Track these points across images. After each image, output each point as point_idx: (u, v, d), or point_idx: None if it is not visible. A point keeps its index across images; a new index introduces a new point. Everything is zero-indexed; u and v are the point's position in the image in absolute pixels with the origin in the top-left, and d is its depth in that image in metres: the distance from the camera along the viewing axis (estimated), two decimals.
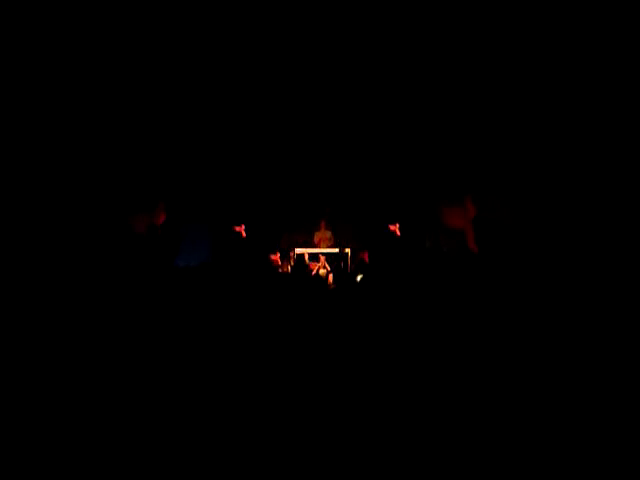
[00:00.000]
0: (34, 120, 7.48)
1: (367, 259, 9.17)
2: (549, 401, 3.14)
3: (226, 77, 8.77)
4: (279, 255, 9.28)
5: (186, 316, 4.03)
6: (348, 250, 9.54)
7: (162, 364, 3.49)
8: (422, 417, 3.10)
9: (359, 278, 6.95)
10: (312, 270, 8.94)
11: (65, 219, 7.38)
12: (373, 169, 10.23)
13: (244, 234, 9.67)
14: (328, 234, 10.12)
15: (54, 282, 4.63)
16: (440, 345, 3.59)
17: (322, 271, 9.17)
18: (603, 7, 7.29)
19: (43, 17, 7.31)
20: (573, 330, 3.56)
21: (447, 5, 7.68)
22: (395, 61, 8.65)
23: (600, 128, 7.54)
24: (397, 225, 9.76)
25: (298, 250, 9.55)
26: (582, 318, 3.67)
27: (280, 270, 8.69)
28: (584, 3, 7.38)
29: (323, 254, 9.53)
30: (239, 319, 4.03)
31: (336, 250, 9.63)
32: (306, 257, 9.01)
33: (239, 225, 9.65)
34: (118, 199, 8.04)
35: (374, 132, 9.68)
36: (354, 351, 3.61)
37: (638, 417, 2.95)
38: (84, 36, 7.65)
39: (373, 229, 10.12)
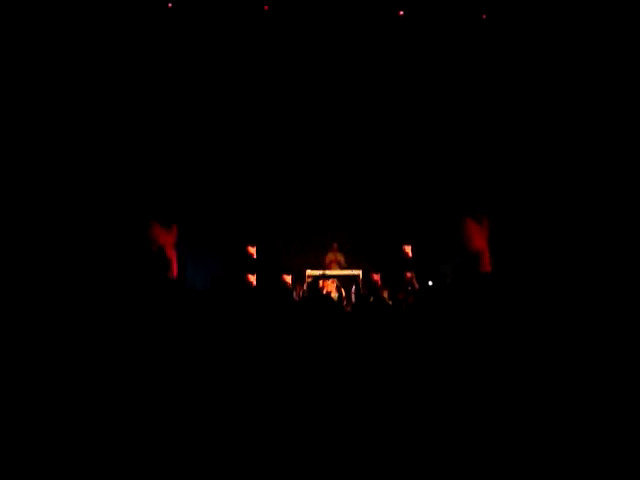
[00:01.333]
0: (51, 129, 7.73)
1: (379, 281, 9.40)
2: (554, 404, 3.27)
3: (240, 93, 9.20)
4: (291, 277, 9.39)
5: (190, 341, 4.12)
6: (359, 272, 9.64)
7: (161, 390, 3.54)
8: (425, 422, 3.21)
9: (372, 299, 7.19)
10: (324, 289, 8.98)
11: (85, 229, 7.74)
12: (386, 189, 10.37)
13: (255, 255, 9.77)
14: (340, 256, 10.12)
15: (66, 289, 4.85)
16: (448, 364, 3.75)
17: (334, 294, 9.18)
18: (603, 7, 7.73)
19: (45, 18, 7.46)
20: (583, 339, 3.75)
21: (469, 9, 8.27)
22: (412, 77, 9.20)
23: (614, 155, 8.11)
24: (409, 246, 9.88)
25: (309, 272, 9.60)
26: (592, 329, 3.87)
27: (294, 293, 8.74)
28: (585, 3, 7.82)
29: (335, 277, 9.66)
30: (249, 347, 4.12)
31: (348, 272, 9.68)
32: (320, 282, 9.05)
33: (252, 245, 9.80)
34: (137, 212, 8.41)
35: (387, 153, 10.08)
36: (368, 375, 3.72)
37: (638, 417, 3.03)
38: (89, 42, 7.89)
39: (386, 250, 10.17)
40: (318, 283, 8.54)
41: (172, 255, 8.64)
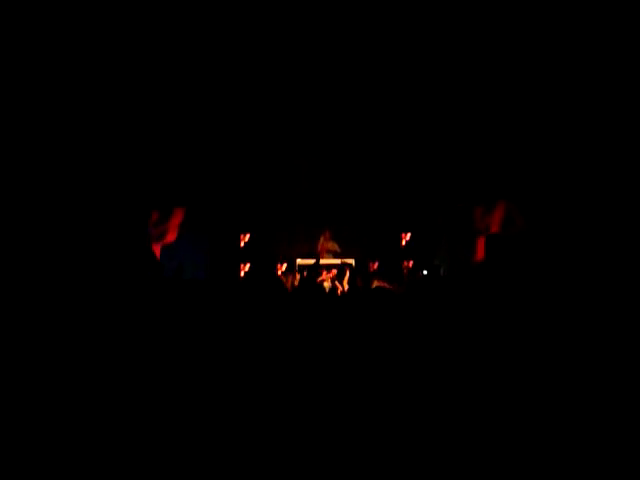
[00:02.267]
0: (51, 127, 7.66)
1: (371, 270, 9.25)
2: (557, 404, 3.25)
3: (236, 89, 8.94)
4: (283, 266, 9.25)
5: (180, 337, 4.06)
6: (352, 261, 9.40)
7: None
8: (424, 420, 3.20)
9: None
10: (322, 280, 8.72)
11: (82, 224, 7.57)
12: (381, 173, 10.07)
13: (242, 244, 9.52)
14: (332, 244, 9.96)
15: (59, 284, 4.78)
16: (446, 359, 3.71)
17: (326, 284, 8.87)
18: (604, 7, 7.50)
19: (44, 17, 7.42)
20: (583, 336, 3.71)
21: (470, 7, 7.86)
22: (416, 64, 8.71)
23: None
24: (408, 234, 9.64)
25: (300, 261, 9.42)
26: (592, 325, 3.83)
27: (285, 282, 8.44)
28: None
29: (329, 267, 9.35)
30: (242, 339, 4.06)
31: (339, 261, 9.42)
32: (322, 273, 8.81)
33: (244, 233, 9.56)
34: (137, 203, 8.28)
35: (381, 132, 9.69)
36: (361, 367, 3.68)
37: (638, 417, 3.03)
38: (88, 39, 7.81)
39: (382, 238, 10.01)
40: (316, 273, 8.24)
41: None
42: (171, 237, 8.98)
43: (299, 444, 3.07)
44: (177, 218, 8.97)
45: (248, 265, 9.41)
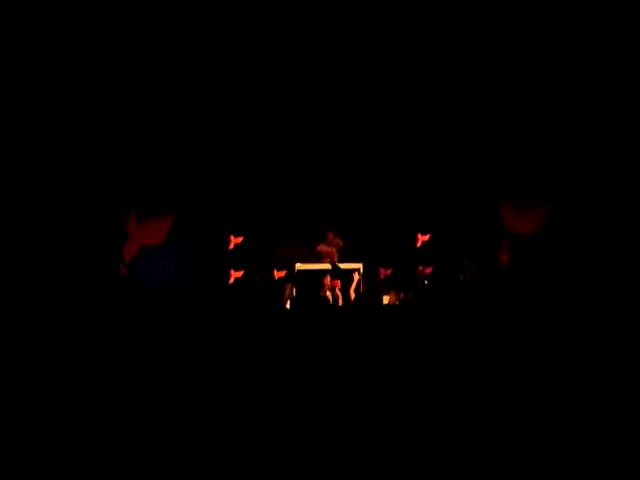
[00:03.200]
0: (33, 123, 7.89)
1: (382, 277, 8.66)
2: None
3: (230, 80, 8.98)
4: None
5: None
6: (359, 266, 8.64)
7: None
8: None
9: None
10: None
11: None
12: (394, 162, 9.54)
13: (231, 247, 8.96)
14: (332, 248, 9.15)
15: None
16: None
17: (329, 293, 8.24)
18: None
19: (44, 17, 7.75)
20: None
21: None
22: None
23: None
24: (427, 236, 8.95)
25: (299, 265, 8.70)
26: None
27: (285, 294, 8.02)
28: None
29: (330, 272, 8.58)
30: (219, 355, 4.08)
31: (346, 266, 8.65)
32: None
33: (237, 235, 9.05)
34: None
35: (396, 115, 9.32)
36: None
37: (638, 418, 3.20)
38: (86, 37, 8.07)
39: (388, 241, 9.42)
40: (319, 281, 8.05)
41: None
42: (155, 239, 8.73)
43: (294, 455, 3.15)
44: (166, 222, 8.82)
45: (242, 272, 8.80)
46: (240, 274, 8.58)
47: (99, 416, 3.42)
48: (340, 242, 9.03)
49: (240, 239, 8.93)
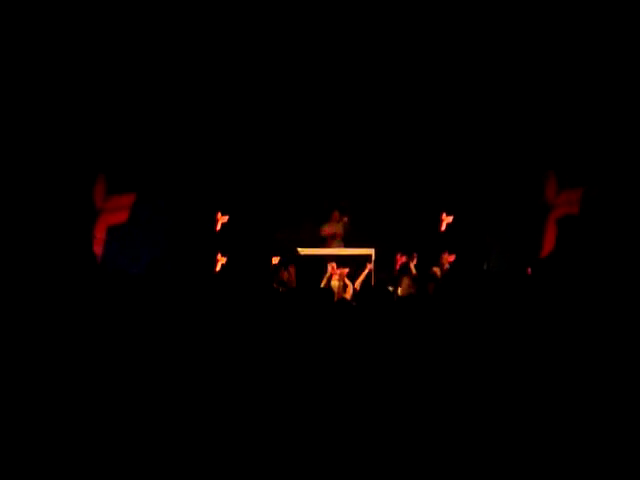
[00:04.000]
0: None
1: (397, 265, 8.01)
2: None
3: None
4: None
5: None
6: (372, 251, 8.02)
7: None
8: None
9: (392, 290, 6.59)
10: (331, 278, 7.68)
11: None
12: (412, 128, 9.00)
13: (218, 227, 8.65)
14: (341, 227, 8.69)
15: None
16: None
17: (335, 282, 7.63)
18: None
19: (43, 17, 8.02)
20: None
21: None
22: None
23: None
24: (444, 216, 8.49)
25: (301, 251, 8.16)
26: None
27: (280, 281, 7.51)
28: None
29: (336, 257, 8.01)
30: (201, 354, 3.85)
31: (356, 251, 8.04)
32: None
33: (221, 213, 8.76)
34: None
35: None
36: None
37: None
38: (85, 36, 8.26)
39: (408, 222, 8.88)
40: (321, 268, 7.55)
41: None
42: (118, 218, 8.52)
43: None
44: (129, 198, 8.63)
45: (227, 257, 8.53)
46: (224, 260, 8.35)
47: (82, 413, 3.40)
48: (347, 222, 8.68)
49: (226, 218, 8.70)
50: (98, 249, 8.11)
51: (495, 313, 4.41)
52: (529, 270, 7.33)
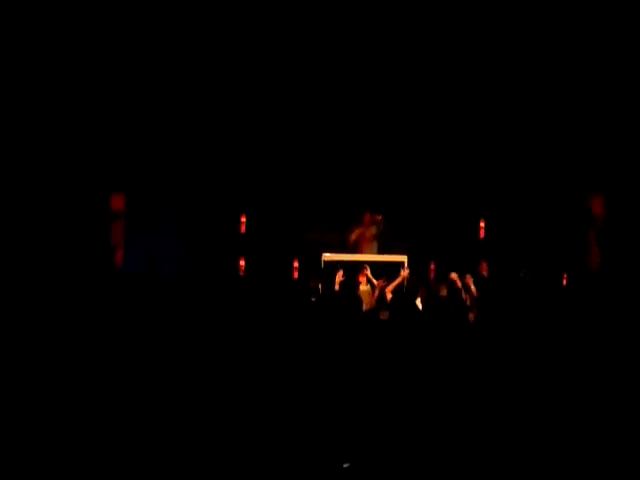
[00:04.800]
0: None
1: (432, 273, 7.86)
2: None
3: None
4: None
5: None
6: (404, 259, 7.69)
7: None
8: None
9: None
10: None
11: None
12: (449, 131, 8.87)
13: (243, 229, 8.41)
14: (373, 231, 8.42)
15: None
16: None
17: (363, 287, 7.32)
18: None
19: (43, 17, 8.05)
20: None
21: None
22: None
23: None
24: (482, 223, 8.18)
25: (327, 256, 7.85)
26: None
27: (307, 290, 7.08)
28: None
29: (367, 264, 7.63)
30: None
31: (388, 258, 7.78)
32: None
33: (240, 214, 8.51)
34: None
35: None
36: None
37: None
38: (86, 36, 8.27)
39: (444, 228, 8.69)
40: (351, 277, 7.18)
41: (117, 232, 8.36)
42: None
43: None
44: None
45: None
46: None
47: (80, 411, 3.51)
48: (381, 224, 8.38)
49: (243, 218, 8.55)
50: (119, 255, 8.07)
51: (531, 322, 4.57)
52: (564, 281, 7.24)
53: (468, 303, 6.67)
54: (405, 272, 7.21)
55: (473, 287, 6.96)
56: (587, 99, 8.55)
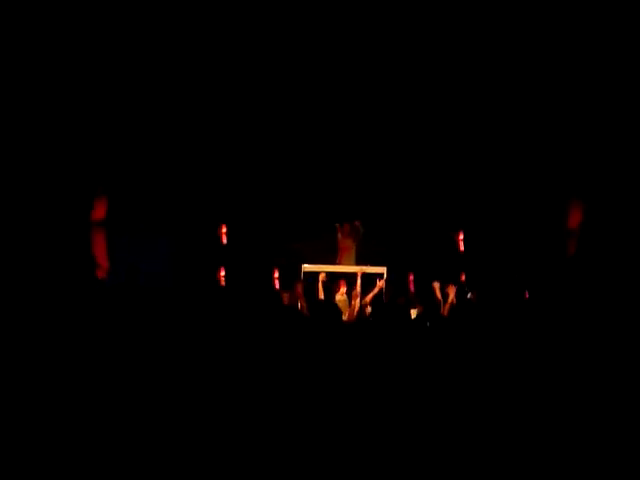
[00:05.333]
0: None
1: (412, 286, 7.92)
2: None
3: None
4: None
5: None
6: (383, 270, 7.76)
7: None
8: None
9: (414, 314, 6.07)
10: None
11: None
12: (429, 140, 8.89)
13: (224, 239, 8.36)
14: (352, 242, 8.44)
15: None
16: None
17: (340, 297, 7.45)
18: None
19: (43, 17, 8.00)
20: None
21: None
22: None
23: None
24: (461, 235, 8.21)
25: (307, 267, 7.91)
26: None
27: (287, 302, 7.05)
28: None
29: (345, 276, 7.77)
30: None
31: (367, 269, 7.72)
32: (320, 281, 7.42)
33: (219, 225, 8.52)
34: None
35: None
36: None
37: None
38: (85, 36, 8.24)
39: (423, 240, 8.67)
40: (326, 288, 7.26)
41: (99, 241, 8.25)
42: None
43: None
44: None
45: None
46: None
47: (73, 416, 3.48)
48: (359, 232, 8.39)
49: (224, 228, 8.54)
50: (104, 263, 7.97)
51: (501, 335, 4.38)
52: (526, 294, 7.08)
53: (445, 314, 6.82)
54: (381, 282, 7.18)
55: (452, 296, 7.05)
56: (566, 105, 8.51)
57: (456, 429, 3.42)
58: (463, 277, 7.51)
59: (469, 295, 7.05)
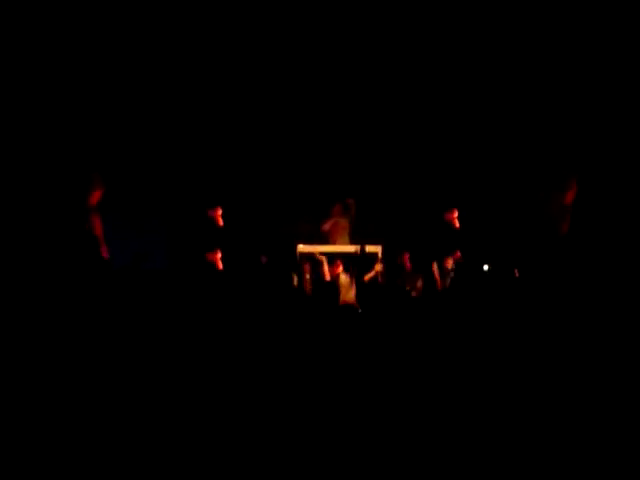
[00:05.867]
0: None
1: (408, 264, 7.72)
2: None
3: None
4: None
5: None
6: (378, 249, 7.77)
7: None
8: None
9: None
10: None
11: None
12: (412, 131, 8.90)
13: (220, 221, 8.15)
14: (344, 222, 8.31)
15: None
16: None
17: (343, 277, 7.39)
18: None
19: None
20: None
21: None
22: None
23: None
24: (455, 213, 7.99)
25: (302, 247, 7.86)
26: None
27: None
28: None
29: (340, 255, 7.73)
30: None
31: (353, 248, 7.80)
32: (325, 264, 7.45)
33: (213, 208, 8.20)
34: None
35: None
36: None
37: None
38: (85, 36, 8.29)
39: (415, 219, 8.62)
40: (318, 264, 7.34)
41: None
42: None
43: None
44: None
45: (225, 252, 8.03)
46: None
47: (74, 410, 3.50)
48: (353, 209, 8.26)
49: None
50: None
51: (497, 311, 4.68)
52: (516, 272, 7.12)
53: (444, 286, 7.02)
54: (379, 266, 7.25)
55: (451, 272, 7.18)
56: (558, 86, 8.46)
57: (454, 415, 3.44)
58: (459, 254, 7.41)
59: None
